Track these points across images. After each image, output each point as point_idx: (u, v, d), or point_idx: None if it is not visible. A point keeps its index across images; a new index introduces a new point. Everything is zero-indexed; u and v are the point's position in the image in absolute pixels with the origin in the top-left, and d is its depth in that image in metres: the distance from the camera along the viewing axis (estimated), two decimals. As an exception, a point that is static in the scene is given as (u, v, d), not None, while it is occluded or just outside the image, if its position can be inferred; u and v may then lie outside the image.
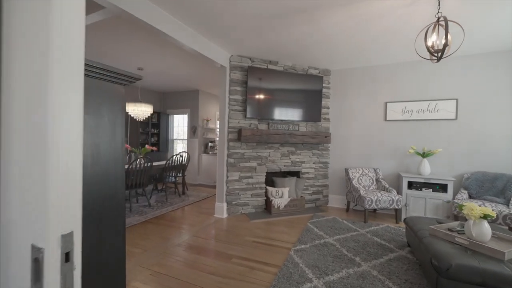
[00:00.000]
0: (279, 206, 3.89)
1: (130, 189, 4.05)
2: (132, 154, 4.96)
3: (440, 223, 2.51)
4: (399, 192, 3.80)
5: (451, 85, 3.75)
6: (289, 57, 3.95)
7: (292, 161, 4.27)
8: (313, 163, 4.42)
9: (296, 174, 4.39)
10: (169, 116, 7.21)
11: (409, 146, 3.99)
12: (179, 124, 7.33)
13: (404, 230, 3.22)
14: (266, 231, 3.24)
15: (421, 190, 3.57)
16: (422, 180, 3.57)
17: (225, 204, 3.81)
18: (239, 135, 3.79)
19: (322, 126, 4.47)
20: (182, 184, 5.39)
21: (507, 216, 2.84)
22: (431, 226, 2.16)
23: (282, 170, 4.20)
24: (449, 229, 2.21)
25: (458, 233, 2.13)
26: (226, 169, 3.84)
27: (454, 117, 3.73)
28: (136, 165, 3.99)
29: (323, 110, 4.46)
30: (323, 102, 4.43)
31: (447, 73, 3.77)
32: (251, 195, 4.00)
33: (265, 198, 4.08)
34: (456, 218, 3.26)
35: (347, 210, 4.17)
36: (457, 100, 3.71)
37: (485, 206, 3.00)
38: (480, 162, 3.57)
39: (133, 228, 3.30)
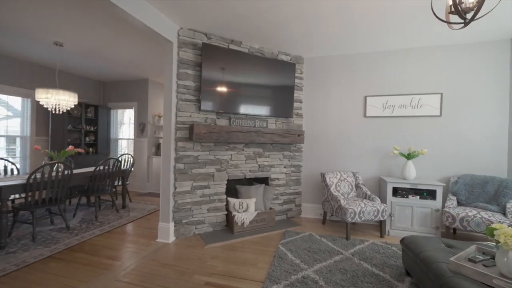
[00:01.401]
0: (243, 223, 3.08)
1: (36, 208, 2.87)
2: (46, 159, 3.71)
3: (449, 246, 1.96)
4: (382, 199, 3.29)
5: (436, 77, 3.35)
6: (255, 36, 3.17)
7: (259, 165, 3.50)
8: (284, 167, 3.72)
9: (265, 181, 3.63)
10: (111, 110, 5.92)
11: (390, 146, 3.51)
12: (124, 120, 6.07)
13: (394, 249, 2.67)
14: (225, 261, 2.41)
15: (407, 197, 3.09)
16: (409, 186, 3.09)
17: (171, 224, 2.87)
18: (190, 133, 2.89)
19: (294, 123, 3.79)
20: (122, 195, 4.26)
21: (508, 228, 2.43)
22: (451, 259, 1.56)
23: (247, 177, 3.41)
24: (470, 259, 1.64)
25: (485, 266, 1.56)
26: (174, 177, 2.91)
27: (438, 114, 3.33)
28: (44, 174, 2.83)
29: (296, 104, 3.78)
30: (295, 95, 3.75)
31: (431, 64, 3.36)
32: (208, 209, 3.12)
33: (225, 212, 3.24)
34: (447, 229, 2.82)
35: (324, 222, 3.54)
36: (441, 94, 3.32)
37: (481, 215, 2.58)
38: (467, 164, 3.21)
39: (24, 271, 2.19)
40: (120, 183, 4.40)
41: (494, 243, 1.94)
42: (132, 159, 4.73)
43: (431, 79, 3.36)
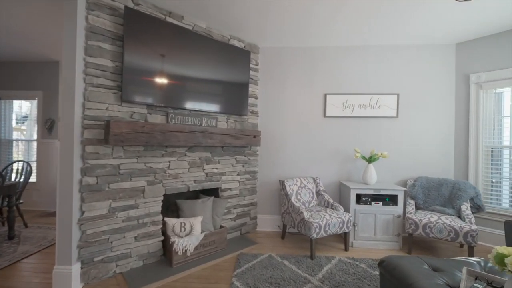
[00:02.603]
0: (185, 250, 2.36)
1: None
2: None
3: (435, 269, 1.67)
4: (344, 206, 3.00)
5: (392, 77, 3.25)
6: (202, 11, 2.50)
7: (207, 174, 2.83)
8: (238, 174, 3.13)
9: (214, 192, 2.97)
10: (2, 101, 4.35)
11: (350, 148, 3.28)
12: (25, 115, 4.55)
13: (363, 266, 2.35)
14: (156, 318, 1.67)
15: (370, 204, 2.86)
16: (372, 192, 2.87)
17: (75, 267, 1.97)
18: (107, 133, 2.03)
19: (248, 122, 3.24)
20: (8, 220, 3.00)
21: (469, 233, 2.37)
22: (459, 299, 1.21)
23: (192, 189, 2.69)
24: (470, 291, 1.34)
25: (490, 300, 1.27)
26: (80, 197, 2.00)
27: (395, 115, 3.24)
28: None
29: (251, 100, 3.24)
30: (250, 89, 3.20)
31: (388, 63, 3.25)
32: (136, 237, 2.30)
33: (162, 238, 2.46)
34: (411, 236, 2.67)
35: (283, 236, 3.08)
36: (398, 95, 3.23)
37: (442, 221, 2.48)
38: (421, 167, 3.18)
39: None
40: (6, 204, 3.12)
41: (478, 260, 1.74)
42: (29, 168, 3.46)
43: (389, 78, 3.26)
